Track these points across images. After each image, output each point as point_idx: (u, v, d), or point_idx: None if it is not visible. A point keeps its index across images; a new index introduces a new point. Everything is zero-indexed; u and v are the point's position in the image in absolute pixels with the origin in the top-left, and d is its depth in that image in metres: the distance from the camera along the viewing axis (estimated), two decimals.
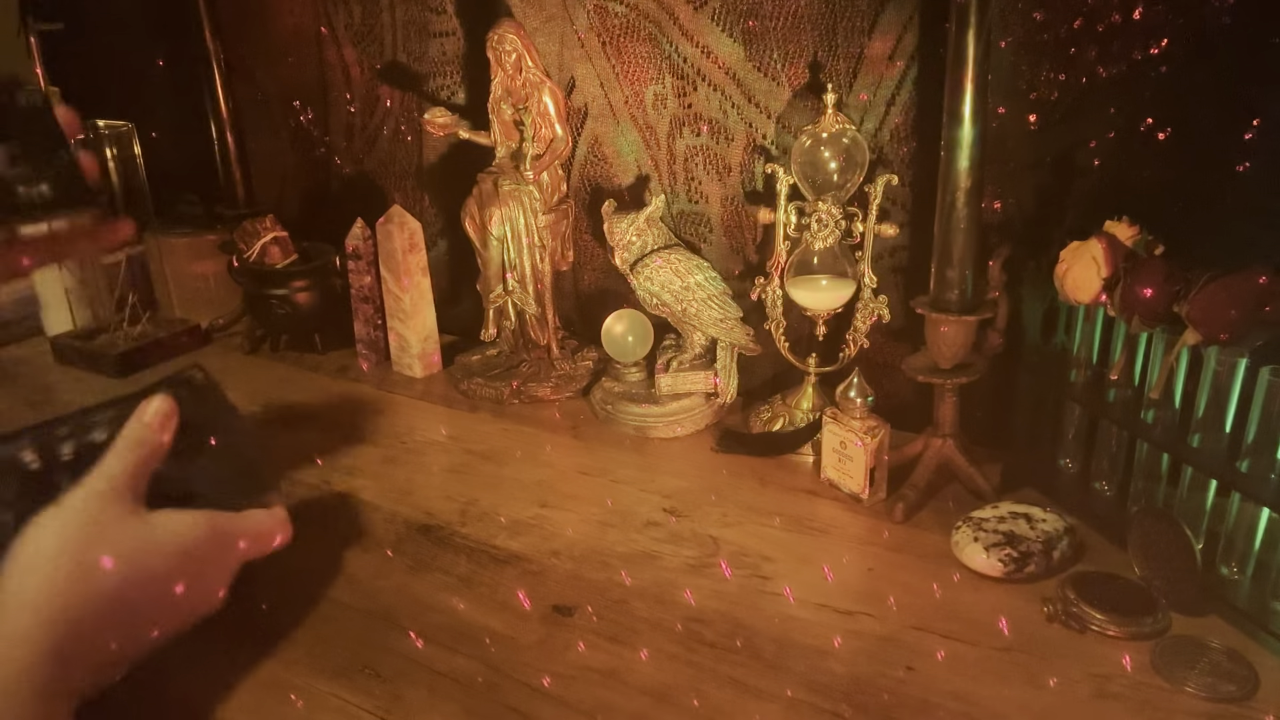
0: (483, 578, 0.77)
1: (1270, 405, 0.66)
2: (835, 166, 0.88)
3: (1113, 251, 0.74)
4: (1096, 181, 0.84)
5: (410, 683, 0.66)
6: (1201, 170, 0.78)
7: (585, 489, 0.91)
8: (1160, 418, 0.75)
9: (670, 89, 1.03)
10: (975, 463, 0.85)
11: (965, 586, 0.74)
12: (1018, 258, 0.85)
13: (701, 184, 1.05)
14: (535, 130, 1.02)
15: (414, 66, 1.20)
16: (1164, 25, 0.77)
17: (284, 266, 1.19)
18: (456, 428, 1.04)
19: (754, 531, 0.83)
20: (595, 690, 0.65)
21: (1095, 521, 0.80)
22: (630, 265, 0.99)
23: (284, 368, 1.21)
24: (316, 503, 0.89)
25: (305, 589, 0.76)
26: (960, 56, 0.74)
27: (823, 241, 0.91)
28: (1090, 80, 0.82)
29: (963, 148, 0.76)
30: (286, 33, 1.30)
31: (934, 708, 0.62)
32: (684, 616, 0.72)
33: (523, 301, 1.08)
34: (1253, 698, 0.62)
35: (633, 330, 1.05)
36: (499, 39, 0.99)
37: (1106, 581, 0.72)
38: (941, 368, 0.84)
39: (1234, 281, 0.66)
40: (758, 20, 0.95)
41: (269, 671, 0.67)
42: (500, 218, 1.04)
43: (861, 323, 0.93)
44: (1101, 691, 0.63)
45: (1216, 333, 0.67)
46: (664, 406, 1.00)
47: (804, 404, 0.97)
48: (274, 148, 1.38)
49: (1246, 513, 0.69)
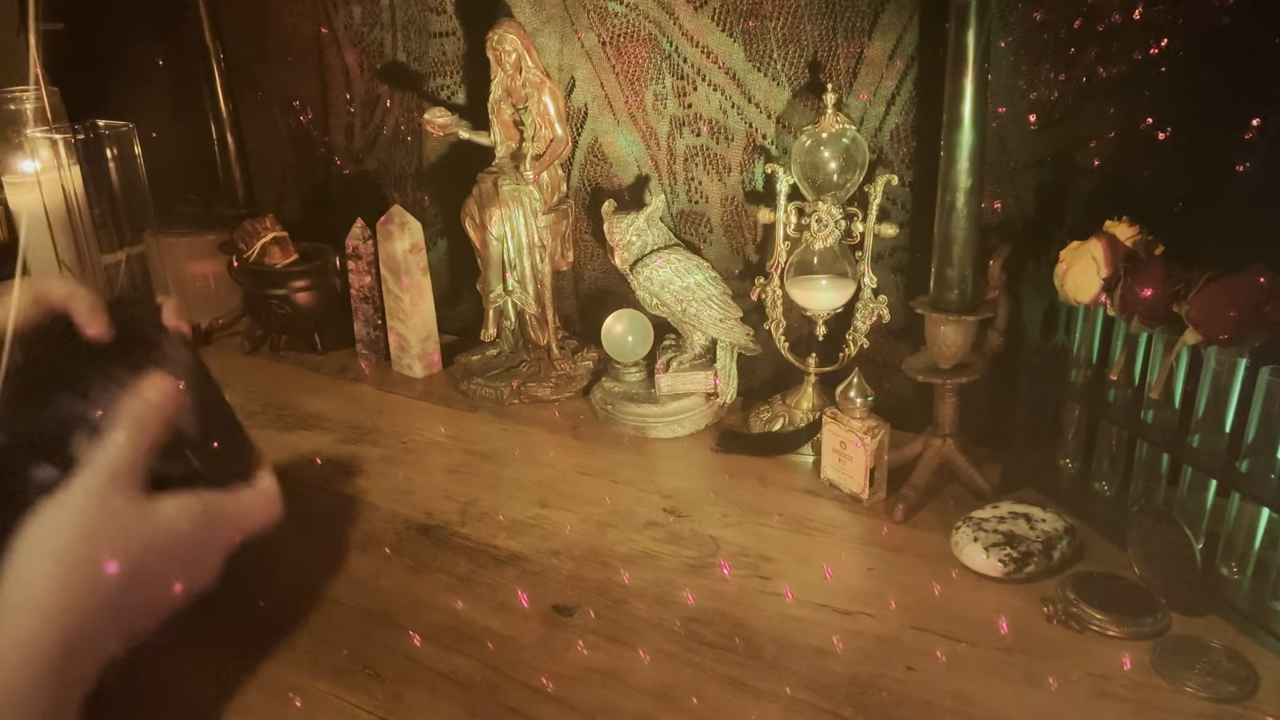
0: (483, 578, 0.77)
1: (1270, 405, 0.66)
2: (835, 166, 0.88)
3: (1113, 251, 0.74)
4: (1096, 181, 0.84)
5: (410, 683, 0.66)
6: (1201, 170, 0.78)
7: (585, 489, 0.91)
8: (1160, 418, 0.75)
9: (670, 89, 1.03)
10: (975, 463, 0.85)
11: (965, 586, 0.74)
12: (1018, 258, 0.85)
13: (701, 184, 1.05)
14: (535, 130, 1.02)
15: (414, 66, 1.20)
16: (1164, 25, 0.77)
17: (284, 266, 1.19)
18: (456, 428, 1.04)
19: (754, 531, 0.83)
20: (595, 690, 0.65)
21: (1095, 521, 0.80)
22: (630, 265, 0.99)
23: (284, 368, 1.21)
24: (316, 503, 0.89)
25: (305, 589, 0.76)
26: (960, 56, 0.74)
27: (823, 241, 0.91)
28: (1090, 80, 0.82)
29: (963, 148, 0.76)
30: (286, 33, 1.30)
31: (934, 708, 0.62)
32: (684, 616, 0.72)
33: (523, 301, 1.08)
34: (1253, 698, 0.62)
35: (633, 330, 1.05)
36: (499, 39, 0.99)
37: (1106, 581, 0.72)
38: (941, 368, 0.84)
39: (1234, 281, 0.66)
40: (758, 20, 0.95)
41: (269, 671, 0.67)
42: (500, 218, 1.04)
43: (861, 323, 0.93)
44: (1101, 691, 0.63)
45: (1216, 333, 0.67)
46: (664, 406, 1.00)
47: (804, 404, 0.97)
48: (274, 148, 1.38)
49: (1246, 513, 0.69)
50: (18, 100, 1.28)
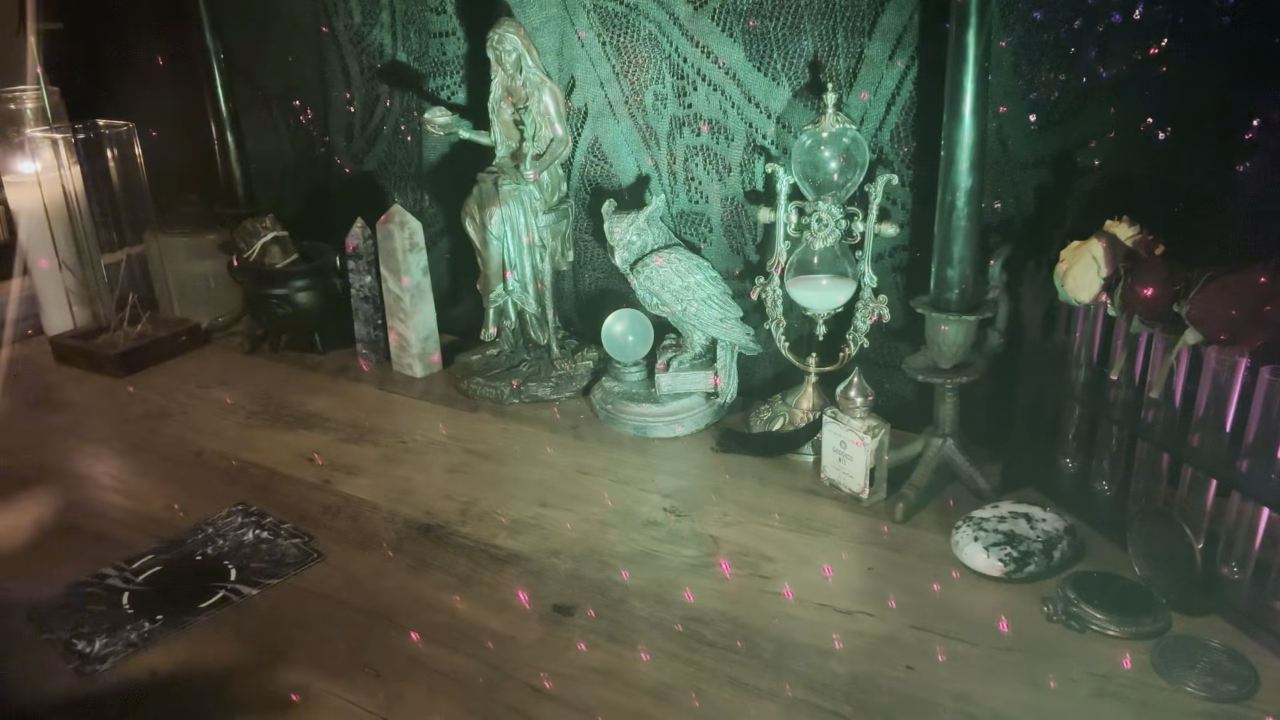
0: (483, 577, 0.77)
1: (1270, 405, 0.66)
2: (835, 166, 0.88)
3: (1113, 251, 0.74)
4: (1096, 181, 0.84)
5: (410, 683, 0.66)
6: (1201, 170, 0.78)
7: (585, 489, 0.91)
8: (1160, 418, 0.75)
9: (670, 89, 1.03)
10: (975, 463, 0.85)
11: (965, 586, 0.74)
12: (1018, 258, 0.85)
13: (701, 184, 1.05)
14: (535, 130, 1.02)
15: (414, 66, 1.20)
16: (1164, 25, 0.77)
17: (284, 266, 1.19)
18: (456, 427, 1.04)
19: (754, 531, 0.83)
20: (595, 690, 0.65)
21: (1095, 521, 0.80)
22: (630, 265, 0.99)
23: (284, 367, 1.21)
24: (316, 503, 0.89)
25: (305, 589, 0.76)
26: (960, 56, 0.74)
27: (823, 241, 0.91)
28: (1090, 80, 0.82)
29: (963, 148, 0.76)
30: (286, 33, 1.30)
31: (934, 707, 0.62)
32: (684, 616, 0.72)
33: (523, 301, 1.08)
34: (1253, 698, 0.62)
35: (633, 330, 1.05)
36: (499, 39, 0.99)
37: (1106, 581, 0.72)
38: (941, 368, 0.84)
39: (1234, 281, 0.66)
40: (758, 20, 0.95)
41: (269, 671, 0.67)
42: (500, 218, 1.04)
43: (861, 322, 0.93)
44: (1101, 691, 0.63)
45: (1216, 333, 0.67)
46: (664, 406, 1.00)
47: (804, 404, 0.97)
48: (274, 148, 1.38)
49: (1246, 513, 0.69)
50: (18, 100, 1.29)
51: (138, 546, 0.82)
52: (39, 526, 0.86)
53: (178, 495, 0.91)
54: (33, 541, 0.85)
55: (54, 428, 1.07)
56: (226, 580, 0.78)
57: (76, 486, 0.94)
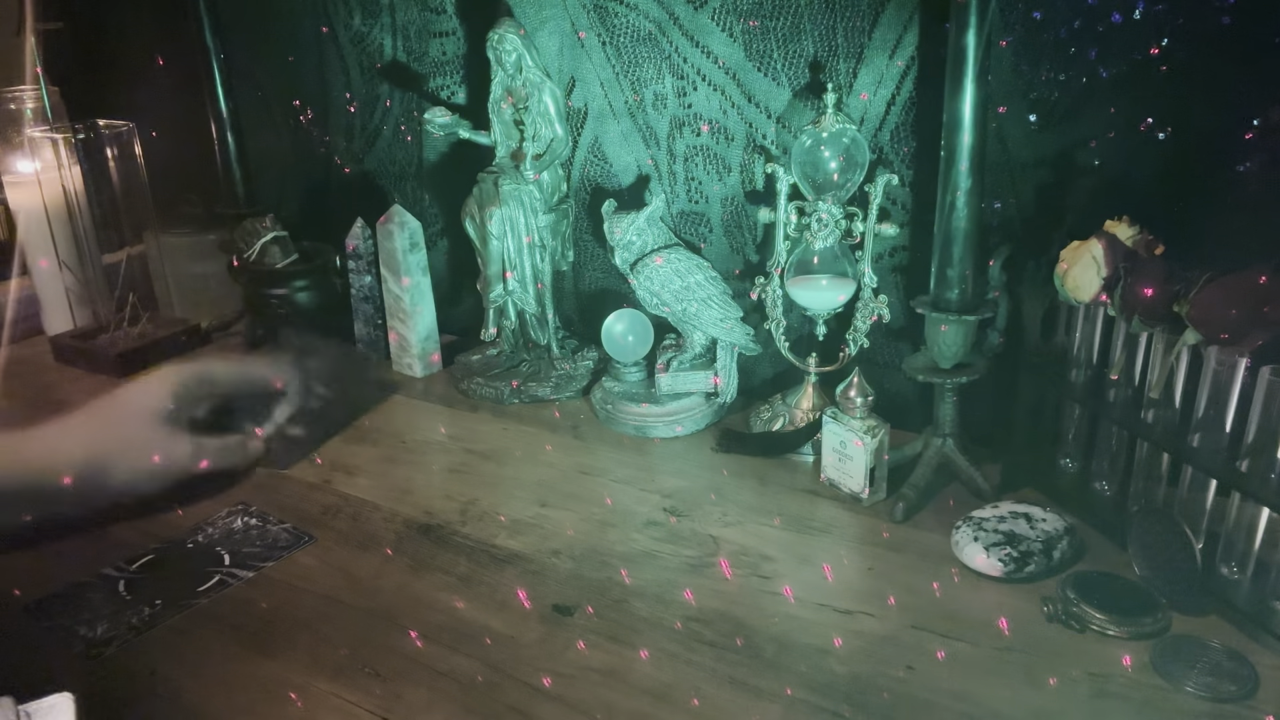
0: (483, 577, 0.77)
1: (1270, 405, 0.66)
2: (835, 166, 0.88)
3: (1113, 251, 0.74)
4: (1096, 181, 0.84)
5: (410, 683, 0.66)
6: (1201, 170, 0.78)
7: (585, 489, 0.91)
8: (1160, 418, 0.75)
9: (670, 89, 1.03)
10: (975, 463, 0.85)
11: (965, 586, 0.74)
12: (1018, 258, 0.85)
13: (701, 184, 1.05)
14: (535, 130, 1.02)
15: (414, 66, 1.20)
16: (1164, 25, 0.77)
17: (284, 266, 1.19)
18: (456, 427, 1.04)
19: (754, 531, 0.83)
20: (595, 690, 0.65)
21: (1095, 521, 0.80)
22: (630, 265, 0.99)
23: None
24: (316, 503, 0.89)
25: (305, 589, 0.76)
26: (960, 56, 0.74)
27: (823, 241, 0.91)
28: (1090, 80, 0.82)
29: (962, 148, 0.76)
30: (286, 33, 1.30)
31: (934, 707, 0.62)
32: (684, 616, 0.72)
33: (522, 301, 1.08)
34: (1253, 698, 0.62)
35: (633, 330, 1.05)
36: (499, 39, 0.99)
37: (1106, 581, 0.72)
38: (941, 368, 0.84)
39: (1234, 281, 0.66)
40: (758, 20, 0.95)
41: (269, 671, 0.67)
42: (500, 217, 1.04)
43: (861, 322, 0.93)
44: (1101, 691, 0.63)
45: (1216, 333, 0.67)
46: (664, 406, 1.00)
47: (804, 404, 0.97)
48: (274, 148, 1.38)
49: (1246, 513, 0.69)
50: (18, 100, 1.28)
51: (138, 546, 0.82)
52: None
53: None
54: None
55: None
56: (222, 565, 0.79)
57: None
